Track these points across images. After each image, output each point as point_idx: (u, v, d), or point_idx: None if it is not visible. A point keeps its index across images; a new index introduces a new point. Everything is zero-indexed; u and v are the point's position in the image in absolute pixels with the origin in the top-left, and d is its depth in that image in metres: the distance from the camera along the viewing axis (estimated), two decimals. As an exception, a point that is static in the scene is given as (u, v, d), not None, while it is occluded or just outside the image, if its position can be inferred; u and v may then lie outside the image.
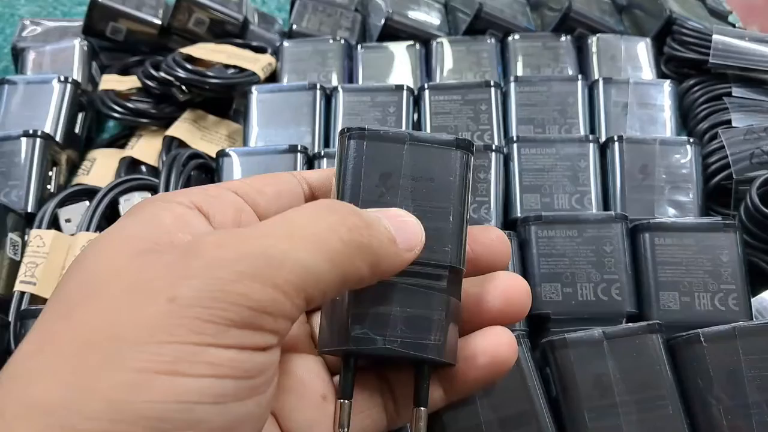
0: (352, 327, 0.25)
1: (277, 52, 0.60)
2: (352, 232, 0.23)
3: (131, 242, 0.22)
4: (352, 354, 0.26)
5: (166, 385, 0.19)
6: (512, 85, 0.54)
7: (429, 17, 0.65)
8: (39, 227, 0.46)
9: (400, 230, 0.25)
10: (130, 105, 0.55)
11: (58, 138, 0.52)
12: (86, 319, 0.20)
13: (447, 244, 0.26)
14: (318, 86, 0.53)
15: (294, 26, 0.64)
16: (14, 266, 0.43)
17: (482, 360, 0.27)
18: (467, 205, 0.27)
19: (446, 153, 0.27)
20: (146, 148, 0.54)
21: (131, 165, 0.53)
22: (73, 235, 0.46)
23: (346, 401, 0.26)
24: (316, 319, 0.29)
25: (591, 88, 0.55)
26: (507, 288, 0.28)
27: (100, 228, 0.45)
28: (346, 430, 0.26)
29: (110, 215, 0.47)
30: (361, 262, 0.23)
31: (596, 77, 0.58)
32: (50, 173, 0.50)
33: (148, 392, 0.19)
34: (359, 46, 0.60)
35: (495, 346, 0.27)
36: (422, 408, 0.27)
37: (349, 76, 0.60)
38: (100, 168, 0.53)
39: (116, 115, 0.55)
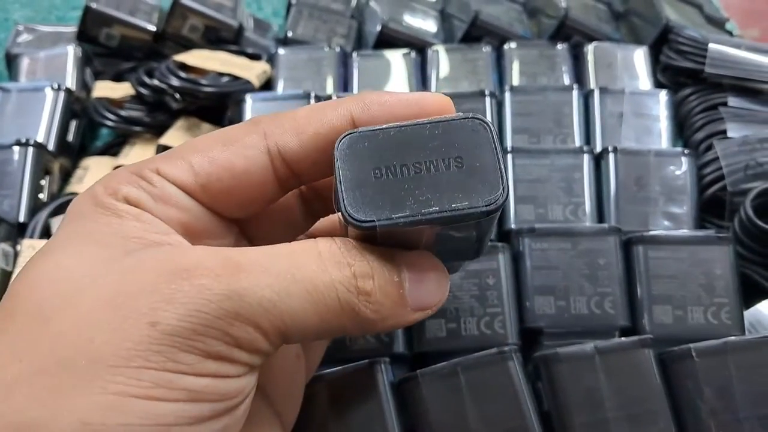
0: None
1: (272, 59, 0.60)
2: (351, 297, 0.22)
3: (103, 242, 0.22)
4: None
5: (142, 408, 0.19)
6: (507, 95, 0.54)
7: (425, 25, 0.65)
8: (31, 237, 0.45)
9: (415, 289, 0.23)
10: (123, 113, 0.55)
11: (50, 146, 0.51)
12: (64, 330, 0.19)
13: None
14: (313, 95, 0.53)
15: (289, 33, 0.63)
16: (6, 277, 0.43)
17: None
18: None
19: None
20: (139, 156, 0.54)
21: (124, 173, 0.53)
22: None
23: None
24: None
25: (586, 98, 0.55)
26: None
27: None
28: None
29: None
30: (352, 324, 0.22)
31: (592, 86, 0.58)
32: (42, 182, 0.49)
33: (123, 415, 0.19)
34: (354, 54, 0.60)
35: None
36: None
37: (344, 83, 0.59)
38: (94, 176, 0.53)
39: (109, 123, 0.54)
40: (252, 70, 0.56)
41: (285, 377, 0.28)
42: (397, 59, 0.60)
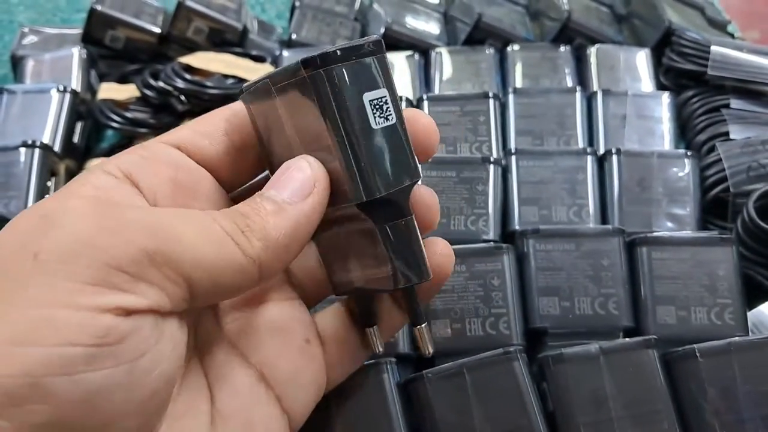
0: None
1: (276, 62, 0.60)
2: (231, 224, 0.22)
3: (30, 219, 0.22)
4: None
5: (12, 357, 0.18)
6: (511, 97, 0.54)
7: (428, 27, 0.65)
8: (37, 238, 0.46)
9: (284, 187, 0.24)
10: (128, 115, 0.55)
11: (56, 148, 0.52)
12: None
13: (343, 183, 0.24)
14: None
15: (293, 35, 0.64)
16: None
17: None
18: (352, 126, 0.23)
19: (301, 83, 0.24)
20: (145, 158, 0.54)
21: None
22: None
23: (371, 328, 0.29)
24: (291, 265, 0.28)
25: (589, 100, 0.55)
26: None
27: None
28: (380, 350, 0.29)
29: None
30: (247, 240, 0.22)
31: (595, 88, 0.58)
32: (48, 183, 0.49)
33: (1, 365, 0.18)
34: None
35: (437, 257, 0.28)
36: (420, 326, 0.28)
37: (348, 85, 0.59)
38: (99, 177, 0.53)
39: (114, 125, 0.55)
40: (256, 72, 0.57)
41: (288, 365, 0.27)
42: (400, 61, 0.60)
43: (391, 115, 0.24)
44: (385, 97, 0.24)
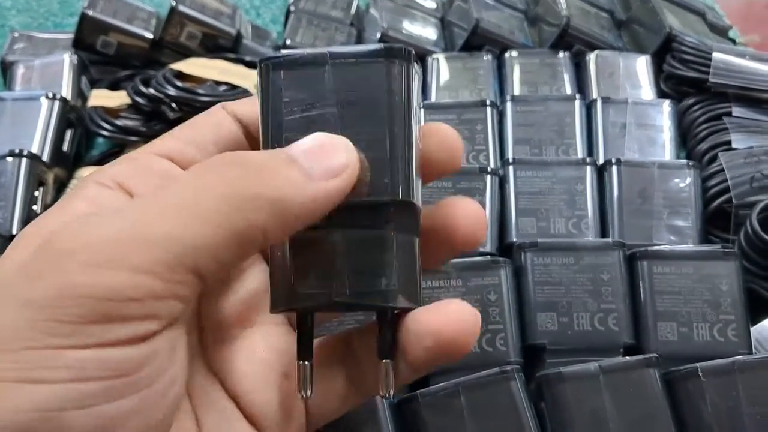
0: (297, 283, 0.23)
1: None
2: (233, 185, 0.20)
3: (29, 241, 0.21)
4: (303, 312, 0.24)
5: (26, 394, 0.17)
6: (508, 105, 0.53)
7: (425, 32, 0.64)
8: (24, 249, 0.45)
9: (315, 157, 0.21)
10: (119, 122, 0.54)
11: (45, 157, 0.51)
12: None
13: (385, 175, 0.22)
14: (311, 104, 0.52)
15: (288, 40, 0.63)
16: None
17: (428, 341, 0.23)
18: (410, 125, 0.23)
19: (375, 67, 0.23)
20: (136, 166, 0.53)
21: (120, 183, 0.52)
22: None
23: (306, 362, 0.24)
24: None
25: (589, 108, 0.54)
26: (463, 214, 0.25)
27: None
28: (309, 393, 0.24)
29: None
30: (257, 213, 0.20)
31: (594, 95, 0.57)
32: (36, 193, 0.48)
33: (8, 403, 0.17)
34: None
35: (441, 325, 0.23)
36: (386, 360, 0.24)
37: (344, 92, 0.59)
38: (89, 186, 0.52)
39: (105, 133, 0.54)
40: (250, 79, 0.56)
41: (264, 398, 0.25)
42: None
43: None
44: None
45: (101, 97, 0.57)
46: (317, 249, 0.23)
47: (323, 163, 0.21)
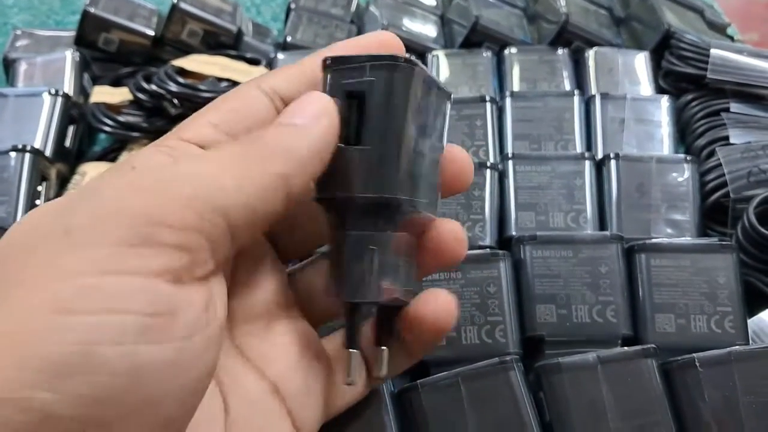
0: (380, 278, 0.25)
1: (271, 64, 0.59)
2: (243, 144, 0.23)
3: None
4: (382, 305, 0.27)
5: (65, 326, 0.17)
6: (508, 101, 0.53)
7: (425, 29, 0.64)
8: (27, 244, 0.45)
9: (295, 113, 0.24)
10: (121, 118, 0.55)
11: (47, 152, 0.51)
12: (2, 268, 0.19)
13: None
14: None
15: (288, 38, 0.63)
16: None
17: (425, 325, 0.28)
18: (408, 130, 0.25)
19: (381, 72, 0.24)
20: (138, 162, 0.53)
21: (122, 179, 0.53)
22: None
23: (354, 350, 0.26)
24: (300, 284, 0.29)
25: (588, 104, 0.55)
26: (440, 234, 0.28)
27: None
28: (356, 380, 0.27)
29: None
30: (273, 164, 0.22)
31: (593, 91, 0.57)
32: (39, 188, 0.49)
33: (48, 336, 0.17)
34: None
35: (435, 311, 0.27)
36: (384, 348, 0.27)
37: (344, 88, 0.59)
38: (91, 182, 0.53)
39: (107, 128, 0.54)
40: (251, 76, 0.56)
41: (300, 380, 0.27)
42: (397, 64, 0.60)
43: None
44: None
45: (103, 94, 0.57)
46: (386, 249, 0.25)
47: (305, 112, 0.24)
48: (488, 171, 0.46)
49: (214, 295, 0.22)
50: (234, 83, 0.55)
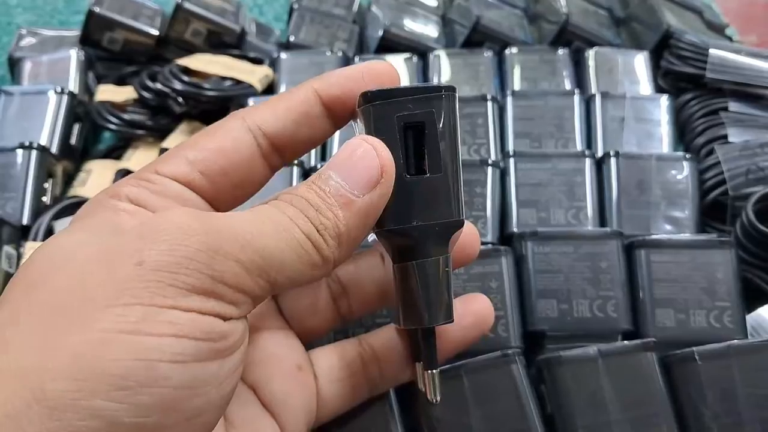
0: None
1: (274, 64, 0.60)
2: (306, 223, 0.23)
3: (96, 229, 0.23)
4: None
5: (129, 343, 0.19)
6: (509, 99, 0.54)
7: (426, 29, 0.65)
8: (35, 240, 0.45)
9: (350, 174, 0.24)
10: (126, 116, 0.55)
11: (53, 150, 0.52)
12: (57, 285, 0.21)
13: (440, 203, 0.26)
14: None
15: (291, 38, 0.64)
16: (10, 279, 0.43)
17: (469, 320, 0.31)
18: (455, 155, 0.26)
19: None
20: (142, 160, 0.54)
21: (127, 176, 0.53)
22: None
23: (433, 371, 0.28)
24: (283, 298, 0.31)
25: (588, 103, 0.55)
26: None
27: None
28: (438, 398, 0.29)
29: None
30: (323, 241, 0.23)
31: (593, 91, 0.58)
32: (46, 185, 0.49)
33: (112, 351, 0.19)
34: (356, 59, 0.60)
35: (480, 309, 0.31)
36: (436, 371, 0.29)
37: (346, 88, 0.59)
38: (96, 179, 0.53)
39: (112, 126, 0.55)
40: (254, 75, 0.57)
41: (279, 387, 0.28)
42: (398, 64, 0.60)
43: None
44: None
45: (108, 92, 0.58)
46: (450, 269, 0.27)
47: (357, 177, 0.24)
48: (489, 168, 0.46)
49: (245, 328, 0.24)
50: (237, 82, 0.56)
